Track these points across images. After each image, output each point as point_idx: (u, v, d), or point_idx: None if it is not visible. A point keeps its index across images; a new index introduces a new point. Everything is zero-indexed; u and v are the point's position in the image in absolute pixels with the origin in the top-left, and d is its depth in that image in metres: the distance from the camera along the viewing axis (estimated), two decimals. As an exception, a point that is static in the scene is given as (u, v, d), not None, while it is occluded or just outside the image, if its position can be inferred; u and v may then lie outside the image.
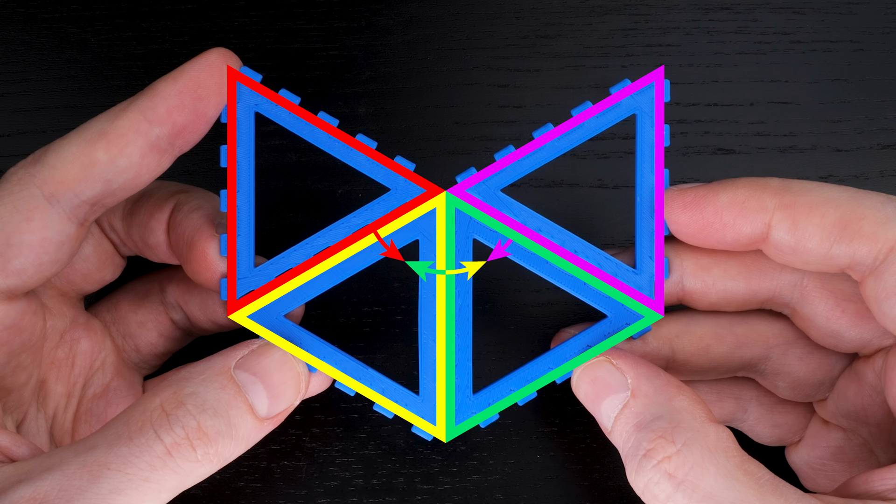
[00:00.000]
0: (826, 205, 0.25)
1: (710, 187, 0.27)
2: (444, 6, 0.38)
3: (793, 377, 0.29)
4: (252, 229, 0.27)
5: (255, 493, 0.32)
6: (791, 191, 0.26)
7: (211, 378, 0.25)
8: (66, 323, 0.29)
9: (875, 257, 0.25)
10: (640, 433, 0.25)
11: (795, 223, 0.25)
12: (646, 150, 0.27)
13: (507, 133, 0.36)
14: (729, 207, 0.26)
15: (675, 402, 0.25)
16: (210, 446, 0.24)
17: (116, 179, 0.26)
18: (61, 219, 0.26)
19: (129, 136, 0.26)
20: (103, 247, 0.30)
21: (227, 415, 0.25)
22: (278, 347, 0.27)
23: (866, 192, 0.26)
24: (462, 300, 0.28)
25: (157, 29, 0.37)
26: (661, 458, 0.24)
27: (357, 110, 0.36)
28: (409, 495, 0.32)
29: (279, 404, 0.26)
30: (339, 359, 0.27)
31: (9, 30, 0.37)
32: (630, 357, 0.27)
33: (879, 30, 0.37)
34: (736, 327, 0.29)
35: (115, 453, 0.23)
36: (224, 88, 0.26)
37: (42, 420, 0.28)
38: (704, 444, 0.24)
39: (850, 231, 0.25)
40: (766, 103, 0.37)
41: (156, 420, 0.24)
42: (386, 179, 0.27)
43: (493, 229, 0.27)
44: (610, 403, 0.26)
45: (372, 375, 0.28)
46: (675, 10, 0.38)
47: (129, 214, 0.29)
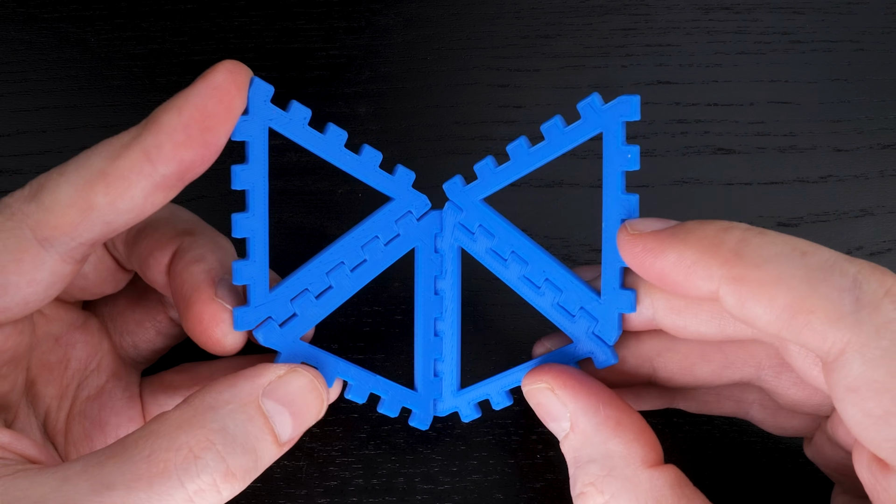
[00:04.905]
0: (776, 285, 0.22)
1: (660, 239, 0.24)
2: (444, 6, 0.38)
3: (788, 399, 0.28)
4: (266, 255, 0.26)
5: (255, 493, 0.32)
6: (743, 260, 0.23)
7: (239, 409, 0.24)
8: (62, 328, 0.29)
9: (826, 354, 0.22)
10: (576, 471, 0.25)
11: (742, 302, 0.23)
12: (611, 173, 0.26)
13: (507, 133, 0.36)
14: (675, 268, 0.24)
15: (609, 446, 0.24)
16: (236, 485, 0.23)
17: (117, 220, 0.24)
18: (54, 261, 0.25)
19: (132, 179, 0.23)
20: (105, 263, 0.29)
21: (255, 451, 0.24)
22: (304, 372, 0.26)
23: (827, 274, 0.22)
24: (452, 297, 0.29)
25: (157, 29, 0.37)
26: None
27: (357, 110, 0.36)
28: (409, 495, 0.32)
29: (300, 429, 0.25)
30: (347, 369, 0.28)
31: (9, 30, 0.37)
32: (573, 384, 0.26)
33: (879, 30, 0.37)
34: (725, 345, 0.28)
35: (133, 499, 0.22)
36: (235, 113, 0.24)
37: (33, 419, 0.28)
38: (634, 495, 0.24)
39: (798, 322, 0.22)
40: (766, 103, 0.37)
41: (181, 464, 0.22)
42: (389, 190, 0.28)
43: (475, 237, 0.28)
44: (555, 428, 0.26)
45: (378, 381, 0.29)
46: (675, 10, 0.38)
47: (132, 243, 0.28)
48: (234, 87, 0.24)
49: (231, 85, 0.24)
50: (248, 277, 0.26)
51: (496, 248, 0.28)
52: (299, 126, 0.26)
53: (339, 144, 0.27)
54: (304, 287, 0.27)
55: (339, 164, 0.27)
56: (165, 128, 0.23)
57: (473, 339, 0.33)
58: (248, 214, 0.26)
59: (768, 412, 0.30)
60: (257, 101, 0.25)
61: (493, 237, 0.28)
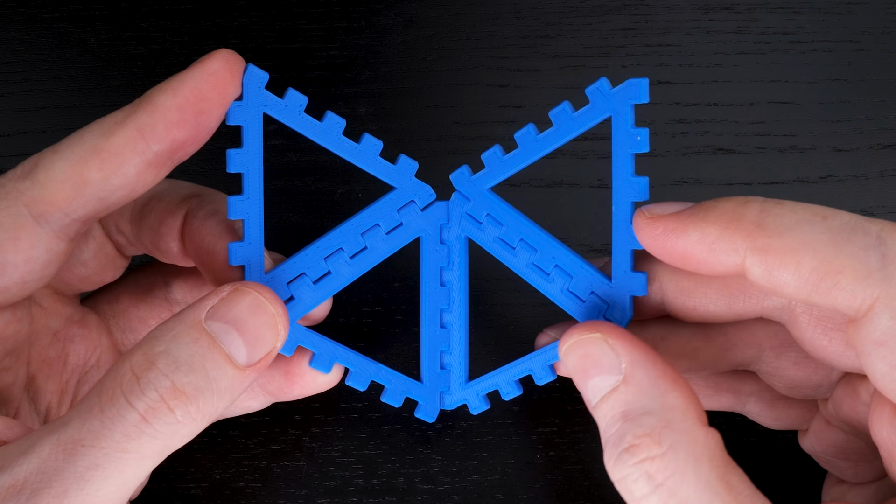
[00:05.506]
0: (802, 251, 0.23)
1: (680, 219, 0.25)
2: (444, 6, 0.38)
3: (788, 380, 0.28)
4: (261, 237, 0.27)
5: (255, 493, 0.32)
6: (766, 230, 0.23)
7: (182, 333, 0.24)
8: (60, 322, 0.29)
9: (856, 311, 0.23)
10: (626, 424, 0.24)
11: (769, 270, 0.23)
12: (621, 156, 0.26)
13: (507, 133, 0.36)
14: (698, 246, 0.24)
15: (667, 399, 0.24)
16: (190, 404, 0.23)
17: (110, 197, 0.25)
18: (49, 238, 0.25)
19: (126, 155, 0.24)
20: (105, 251, 0.29)
21: (203, 369, 0.23)
22: (249, 291, 0.25)
23: (850, 234, 0.23)
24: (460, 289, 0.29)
25: (157, 29, 0.37)
26: (643, 457, 0.23)
27: (357, 110, 0.36)
28: (409, 495, 0.32)
29: (259, 350, 0.25)
30: (347, 356, 0.28)
31: (9, 30, 0.37)
32: (627, 338, 0.25)
33: (879, 30, 0.37)
34: (727, 328, 0.28)
35: (87, 428, 0.22)
36: (227, 99, 0.25)
37: (35, 415, 0.28)
38: (691, 450, 0.23)
39: (826, 283, 0.23)
40: (766, 103, 0.37)
41: (126, 386, 0.23)
42: (392, 179, 0.27)
43: (483, 227, 0.28)
44: (598, 383, 0.25)
45: (379, 369, 0.28)
46: (675, 10, 0.38)
47: (138, 218, 0.29)
48: (229, 74, 0.25)
49: (226, 72, 0.25)
50: (244, 258, 0.26)
51: (504, 237, 0.28)
52: (295, 113, 0.26)
53: (336, 132, 0.27)
54: (301, 271, 0.27)
55: (337, 151, 0.27)
56: (160, 108, 0.24)
57: (478, 335, 0.33)
58: (244, 197, 0.26)
59: (765, 403, 0.30)
60: (252, 87, 0.26)
61: (501, 226, 0.28)
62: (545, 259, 0.28)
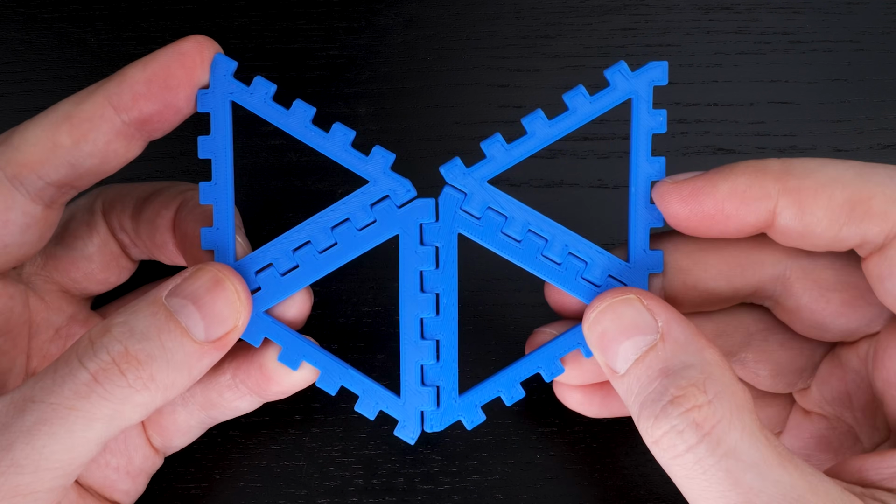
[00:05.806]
0: (832, 185, 0.24)
1: (707, 178, 0.26)
2: (444, 6, 0.38)
3: (774, 364, 0.29)
4: (231, 223, 0.26)
5: (255, 493, 0.32)
6: (793, 173, 0.25)
7: (141, 308, 0.24)
8: (62, 319, 0.29)
9: (886, 235, 0.24)
10: (667, 379, 0.24)
11: (802, 209, 0.25)
12: (641, 136, 0.27)
13: (507, 133, 0.36)
14: (729, 198, 0.25)
15: (705, 354, 0.24)
16: (142, 370, 0.24)
17: (82, 164, 0.25)
18: (25, 200, 0.26)
19: (94, 122, 0.25)
20: (109, 247, 0.30)
21: (158, 339, 0.24)
22: (210, 269, 0.26)
23: (873, 167, 0.25)
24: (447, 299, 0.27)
25: (157, 29, 0.37)
26: (690, 406, 0.23)
27: (357, 110, 0.36)
28: (409, 495, 0.32)
29: (217, 327, 0.25)
30: (318, 357, 0.27)
31: (9, 30, 0.37)
32: (659, 299, 0.25)
33: (879, 30, 0.37)
34: (715, 316, 0.29)
35: (39, 386, 0.23)
36: (196, 80, 0.26)
37: None
38: (734, 400, 0.23)
39: (859, 211, 0.24)
40: (766, 103, 0.37)
41: (80, 350, 0.24)
42: (365, 172, 0.26)
43: (477, 224, 0.27)
44: (632, 345, 0.25)
45: (352, 376, 0.27)
46: (675, 10, 0.38)
47: (138, 212, 0.29)
48: (199, 57, 0.26)
49: (196, 54, 0.26)
50: (212, 243, 0.27)
51: (507, 230, 0.27)
52: (261, 101, 0.26)
53: (304, 120, 0.26)
54: (268, 261, 0.27)
55: (305, 140, 0.26)
56: (129, 79, 0.25)
57: (476, 337, 0.33)
58: (212, 183, 0.26)
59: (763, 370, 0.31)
60: (219, 75, 0.26)
61: (504, 218, 0.27)
62: (556, 248, 0.27)
